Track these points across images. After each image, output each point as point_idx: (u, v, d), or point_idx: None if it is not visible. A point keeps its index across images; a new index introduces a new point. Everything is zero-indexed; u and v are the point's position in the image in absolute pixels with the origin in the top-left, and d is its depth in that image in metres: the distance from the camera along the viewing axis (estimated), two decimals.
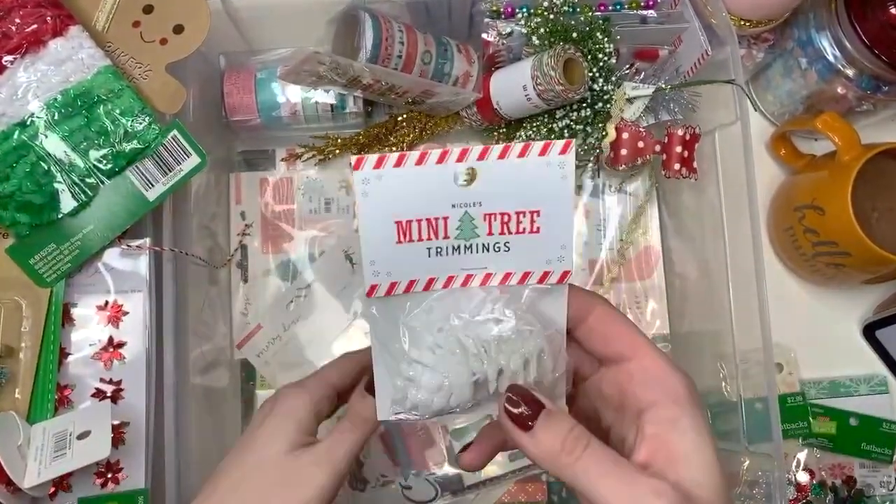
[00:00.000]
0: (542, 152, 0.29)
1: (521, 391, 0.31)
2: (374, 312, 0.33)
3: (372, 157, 0.29)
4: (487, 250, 0.32)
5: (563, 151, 0.30)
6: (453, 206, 0.30)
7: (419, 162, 0.29)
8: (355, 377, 0.41)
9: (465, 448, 0.38)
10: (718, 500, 0.30)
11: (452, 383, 0.32)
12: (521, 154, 0.30)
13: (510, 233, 0.31)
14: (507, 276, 0.32)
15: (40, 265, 0.48)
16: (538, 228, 0.31)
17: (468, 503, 0.60)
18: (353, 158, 0.29)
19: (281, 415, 0.38)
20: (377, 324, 0.33)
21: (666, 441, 0.31)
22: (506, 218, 0.31)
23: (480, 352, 0.32)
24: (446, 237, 0.31)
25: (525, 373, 0.32)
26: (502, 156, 0.30)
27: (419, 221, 0.30)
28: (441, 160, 0.29)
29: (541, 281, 0.32)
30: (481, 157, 0.30)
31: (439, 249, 0.31)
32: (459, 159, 0.29)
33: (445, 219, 0.31)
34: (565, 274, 0.32)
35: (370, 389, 0.37)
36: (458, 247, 0.31)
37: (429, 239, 0.31)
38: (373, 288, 0.32)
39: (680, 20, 0.57)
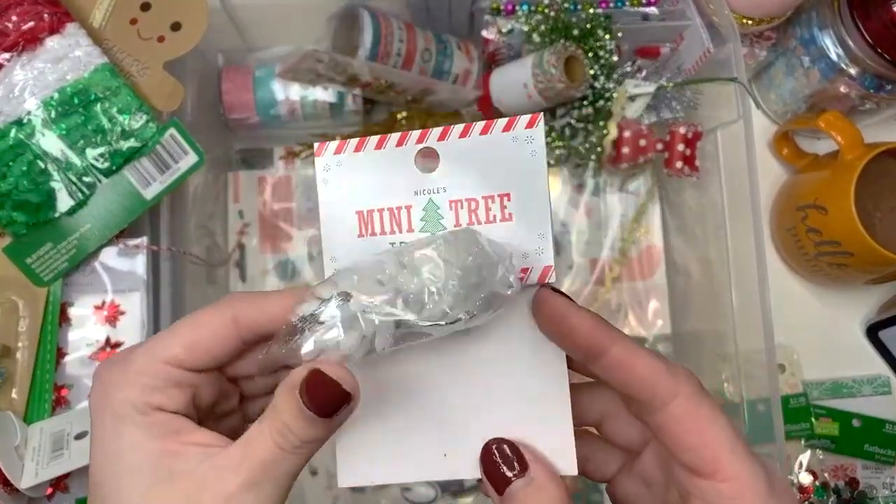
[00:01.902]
0: (507, 128, 0.28)
1: (508, 444, 0.27)
2: None
3: (333, 143, 0.29)
4: None
5: (531, 125, 0.27)
6: (416, 193, 0.28)
7: (379, 146, 0.29)
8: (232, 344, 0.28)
9: None
10: None
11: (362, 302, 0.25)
12: (484, 131, 0.28)
13: (479, 222, 0.28)
14: None
15: (37, 264, 0.47)
16: (510, 215, 0.28)
17: None
18: (316, 144, 0.29)
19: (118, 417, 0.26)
20: None
21: None
22: (473, 205, 0.28)
23: (400, 260, 0.26)
24: (410, 230, 0.29)
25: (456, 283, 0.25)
26: (464, 134, 0.28)
27: (381, 212, 0.29)
28: (401, 143, 0.28)
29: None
30: (442, 137, 0.28)
31: (403, 245, 0.28)
32: (420, 140, 0.28)
33: (409, 208, 0.29)
34: (546, 270, 0.28)
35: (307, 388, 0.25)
36: None
37: (391, 232, 0.29)
38: None
39: (682, 18, 0.57)
